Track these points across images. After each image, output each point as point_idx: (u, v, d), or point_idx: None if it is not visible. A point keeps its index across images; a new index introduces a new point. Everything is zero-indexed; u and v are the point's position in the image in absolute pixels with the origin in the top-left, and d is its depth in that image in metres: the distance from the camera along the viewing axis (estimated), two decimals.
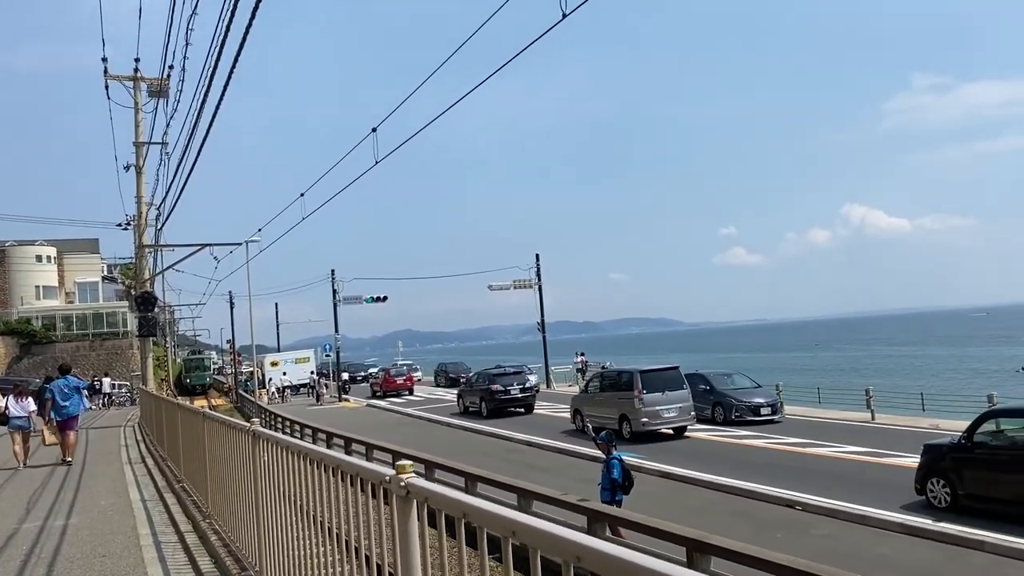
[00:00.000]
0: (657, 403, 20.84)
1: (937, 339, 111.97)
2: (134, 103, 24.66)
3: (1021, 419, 11.89)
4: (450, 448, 20.58)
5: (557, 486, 13.19)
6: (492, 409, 28.81)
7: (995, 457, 11.52)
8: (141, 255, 24.88)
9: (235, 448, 5.76)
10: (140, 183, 24.60)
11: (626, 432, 21.01)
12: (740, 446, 19.20)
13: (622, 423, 21.33)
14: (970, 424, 12.36)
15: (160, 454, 13.81)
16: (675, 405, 21.02)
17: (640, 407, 20.80)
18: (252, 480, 5.20)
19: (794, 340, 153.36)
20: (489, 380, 30.03)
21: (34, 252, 60.62)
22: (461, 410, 31.34)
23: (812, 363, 79.11)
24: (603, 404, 22.54)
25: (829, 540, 10.82)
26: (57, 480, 12.83)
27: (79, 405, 15.41)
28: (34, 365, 53.78)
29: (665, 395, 21.01)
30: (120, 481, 12.15)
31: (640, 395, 20.87)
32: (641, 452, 18.58)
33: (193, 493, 8.83)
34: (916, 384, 39.06)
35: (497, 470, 14.52)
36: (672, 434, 21.32)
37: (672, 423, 21.05)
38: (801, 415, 23.64)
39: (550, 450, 20.71)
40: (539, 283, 44.18)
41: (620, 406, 21.54)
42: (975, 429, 12.03)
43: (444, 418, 29.63)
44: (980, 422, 12.18)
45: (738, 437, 20.35)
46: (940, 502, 11.94)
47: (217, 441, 6.75)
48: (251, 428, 5.06)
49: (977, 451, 11.70)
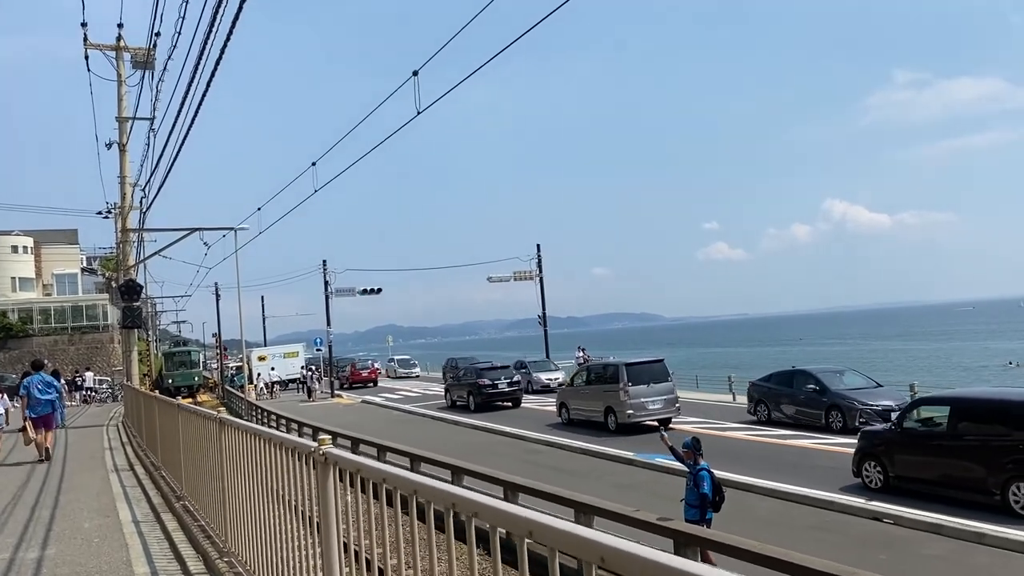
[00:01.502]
0: (642, 395, 21.11)
1: (925, 334, 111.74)
2: (117, 75, 22.72)
3: (944, 407, 12.60)
4: (462, 449, 18.99)
5: (598, 494, 11.67)
6: (480, 403, 29.04)
7: (921, 441, 12.56)
8: (125, 240, 22.94)
9: (287, 469, 4.13)
10: (124, 162, 22.66)
11: (611, 424, 21.43)
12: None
13: (607, 415, 21.64)
14: (900, 411, 13.84)
15: (152, 461, 12.07)
16: (660, 397, 21.32)
17: (626, 399, 21.02)
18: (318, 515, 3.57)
19: (777, 334, 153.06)
20: (477, 374, 30.32)
21: (10, 242, 58.23)
22: (449, 404, 31.44)
23: (799, 357, 78.49)
24: (589, 397, 22.74)
25: (944, 563, 9.30)
26: (32, 491, 11.07)
27: (56, 402, 14.92)
28: (10, 360, 51.48)
29: (650, 387, 21.31)
30: (106, 494, 10.40)
31: (626, 387, 21.11)
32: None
33: (200, 517, 7.13)
34: (910, 379, 37.99)
35: (523, 474, 12.98)
36: (657, 426, 20.93)
37: (657, 415, 21.15)
38: None
39: (573, 451, 19.16)
40: (540, 274, 42.59)
41: (606, 398, 21.76)
42: (904, 416, 13.21)
43: (449, 415, 28.06)
44: (909, 410, 13.42)
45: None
46: (874, 483, 12.98)
47: (241, 454, 5.09)
48: (320, 448, 3.49)
49: (906, 436, 12.74)
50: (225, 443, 5.69)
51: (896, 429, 13.01)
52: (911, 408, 13.46)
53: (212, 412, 6.38)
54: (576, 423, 23.12)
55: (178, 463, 8.79)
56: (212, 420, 6.19)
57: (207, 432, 6.45)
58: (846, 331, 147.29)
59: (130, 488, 10.80)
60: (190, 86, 12.71)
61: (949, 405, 12.50)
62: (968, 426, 11.85)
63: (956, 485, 11.74)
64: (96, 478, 11.95)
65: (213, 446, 6.13)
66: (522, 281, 42.96)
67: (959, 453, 11.78)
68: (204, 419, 6.66)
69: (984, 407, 12.23)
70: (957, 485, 11.73)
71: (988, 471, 11.21)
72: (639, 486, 14.69)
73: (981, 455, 11.42)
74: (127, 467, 13.00)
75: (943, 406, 12.66)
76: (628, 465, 16.98)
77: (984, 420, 11.84)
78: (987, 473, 11.25)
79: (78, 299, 57.23)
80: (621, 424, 21.06)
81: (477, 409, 28.77)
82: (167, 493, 9.36)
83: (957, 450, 11.84)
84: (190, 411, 7.80)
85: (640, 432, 20.72)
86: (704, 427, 20.96)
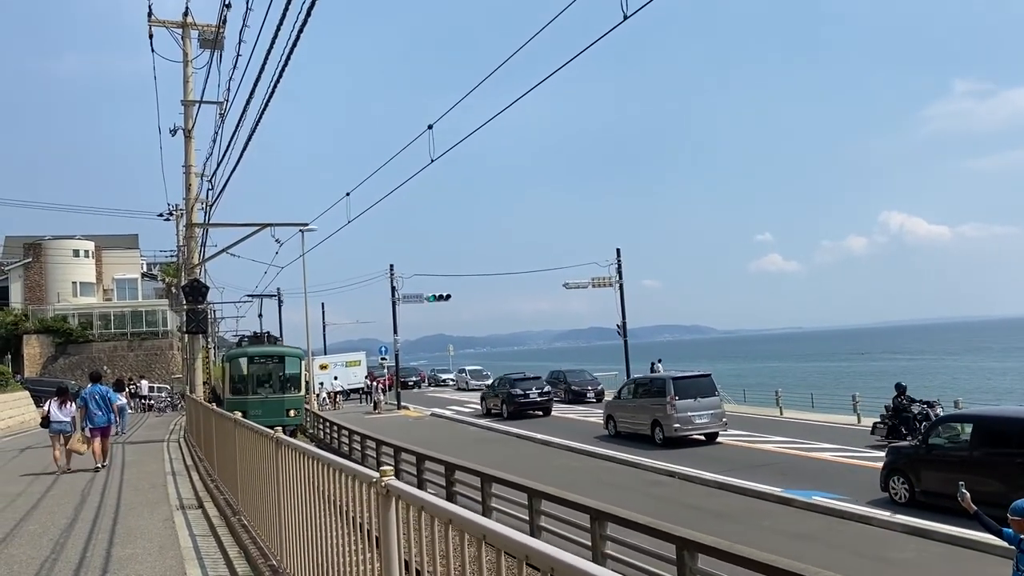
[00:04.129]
0: (689, 409, 21.22)
1: (987, 349, 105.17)
2: (183, 54, 20.61)
3: (967, 424, 12.95)
4: (559, 477, 16.25)
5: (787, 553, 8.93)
6: (512, 412, 30.83)
7: (945, 458, 12.79)
8: (190, 235, 20.75)
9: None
10: (189, 149, 20.51)
11: (658, 438, 21.60)
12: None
13: (654, 428, 21.83)
14: (926, 428, 14.46)
15: (226, 498, 9.55)
16: (707, 412, 21.41)
17: (672, 413, 21.15)
18: None
19: (835, 348, 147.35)
20: (510, 384, 32.06)
21: (71, 246, 57.33)
22: (484, 412, 33.41)
23: (867, 370, 74.09)
24: (636, 410, 22.99)
25: None
26: (80, 536, 8.64)
27: (110, 414, 15.36)
28: (70, 365, 50.49)
29: (697, 401, 21.41)
30: (171, 549, 7.86)
31: (673, 401, 21.23)
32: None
33: None
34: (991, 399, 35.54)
35: (654, 514, 10.33)
36: (704, 440, 21.61)
37: (704, 429, 21.38)
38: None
39: (698, 482, 16.22)
40: (620, 280, 39.61)
41: (653, 412, 21.94)
42: (930, 433, 13.56)
43: (528, 432, 25.38)
44: (935, 426, 13.80)
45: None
46: (900, 498, 13.25)
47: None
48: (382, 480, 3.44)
49: (931, 452, 13.01)
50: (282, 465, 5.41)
51: (922, 445, 13.37)
52: (937, 424, 13.88)
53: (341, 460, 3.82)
54: (623, 435, 23.24)
55: (266, 512, 6.21)
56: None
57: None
58: (907, 345, 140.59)
59: (202, 539, 8.24)
60: (263, 65, 10.53)
61: (972, 422, 12.90)
62: (989, 442, 12.17)
63: (978, 500, 10.92)
64: (157, 520, 9.44)
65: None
66: (601, 288, 40.06)
67: (980, 469, 11.97)
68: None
69: (1004, 424, 12.55)
70: (978, 500, 10.91)
71: (1007, 487, 11.22)
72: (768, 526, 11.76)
73: (1001, 471, 11.65)
74: (195, 503, 10.50)
75: (967, 423, 13.07)
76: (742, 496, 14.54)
77: (1004, 437, 12.12)
78: (1006, 489, 11.12)
79: (138, 304, 56.18)
80: (667, 437, 21.22)
81: (509, 417, 30.50)
82: (253, 555, 6.78)
83: (978, 466, 12.04)
84: (292, 446, 5.20)
85: (687, 446, 20.92)
86: (843, 455, 17.94)
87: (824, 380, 64.31)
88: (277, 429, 6.38)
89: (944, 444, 13.07)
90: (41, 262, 55.38)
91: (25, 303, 53.63)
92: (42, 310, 53.08)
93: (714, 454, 19.66)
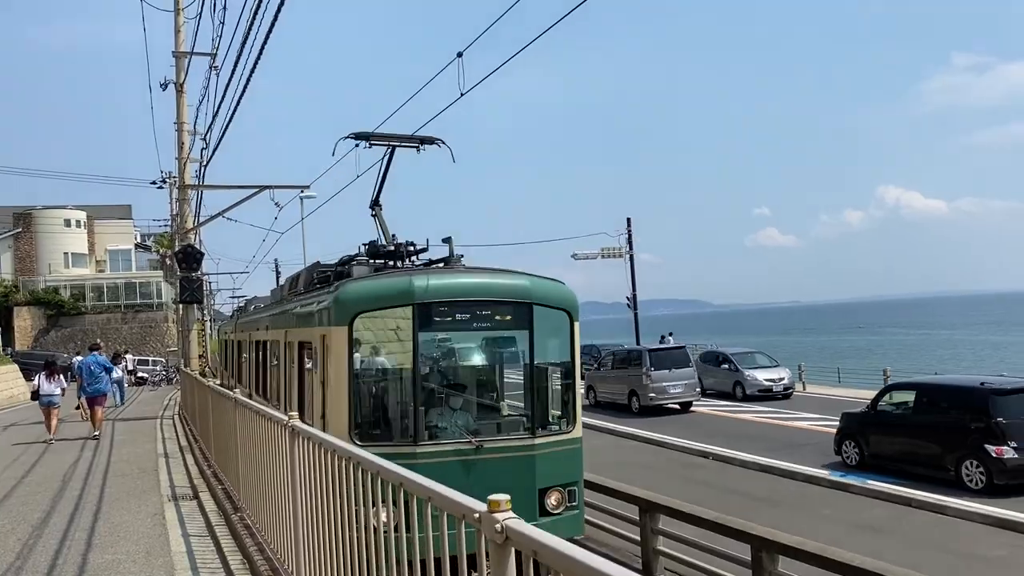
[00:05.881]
0: (664, 379, 22.11)
1: (988, 324, 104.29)
2: (174, 2, 19.03)
3: (911, 391, 13.69)
4: None
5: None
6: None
7: (891, 423, 13.53)
8: (183, 198, 19.28)
9: None
10: (181, 104, 18.96)
11: (635, 407, 22.46)
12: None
13: (631, 398, 22.72)
14: (875, 395, 14.75)
15: (225, 489, 8.25)
16: (681, 382, 22.30)
17: (648, 383, 22.01)
18: None
19: (833, 322, 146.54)
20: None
21: (63, 216, 55.60)
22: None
23: (870, 344, 73.36)
24: (614, 380, 23.83)
25: None
26: (55, 532, 7.36)
27: (107, 383, 16.13)
28: (62, 338, 49.11)
29: (672, 372, 22.27)
30: (162, 556, 6.56)
31: (648, 372, 22.10)
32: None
33: None
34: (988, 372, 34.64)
35: (697, 500, 9.38)
36: (679, 408, 22.54)
37: (678, 399, 22.31)
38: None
39: (736, 464, 14.95)
40: (631, 251, 38.21)
41: (630, 382, 22.80)
42: (878, 400, 14.22)
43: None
44: (883, 394, 14.46)
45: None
46: (851, 460, 13.86)
47: None
48: None
49: (879, 418, 13.74)
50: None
51: (871, 412, 14.01)
52: (884, 392, 14.52)
53: None
54: (602, 404, 24.06)
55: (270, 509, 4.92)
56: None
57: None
58: (905, 319, 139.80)
59: (196, 541, 6.94)
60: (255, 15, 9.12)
61: (915, 390, 13.68)
62: (929, 409, 12.90)
63: (919, 462, 12.61)
64: (145, 515, 8.14)
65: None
66: (610, 259, 38.65)
67: (921, 433, 12.76)
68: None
69: (943, 391, 13.34)
70: (920, 462, 12.60)
71: (944, 449, 12.11)
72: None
73: (938, 435, 12.35)
74: (190, 493, 9.20)
75: (911, 390, 13.80)
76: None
77: (942, 403, 12.85)
78: (943, 451, 12.14)
79: (131, 275, 54.70)
80: (643, 406, 22.02)
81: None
82: (260, 571, 5.49)
83: (919, 430, 12.82)
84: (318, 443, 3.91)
85: (662, 414, 21.74)
86: (818, 424, 16.72)
87: (826, 356, 63.35)
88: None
89: (891, 411, 13.77)
90: (31, 232, 53.76)
91: (15, 274, 52.10)
92: (33, 281, 51.54)
93: (688, 420, 20.77)
